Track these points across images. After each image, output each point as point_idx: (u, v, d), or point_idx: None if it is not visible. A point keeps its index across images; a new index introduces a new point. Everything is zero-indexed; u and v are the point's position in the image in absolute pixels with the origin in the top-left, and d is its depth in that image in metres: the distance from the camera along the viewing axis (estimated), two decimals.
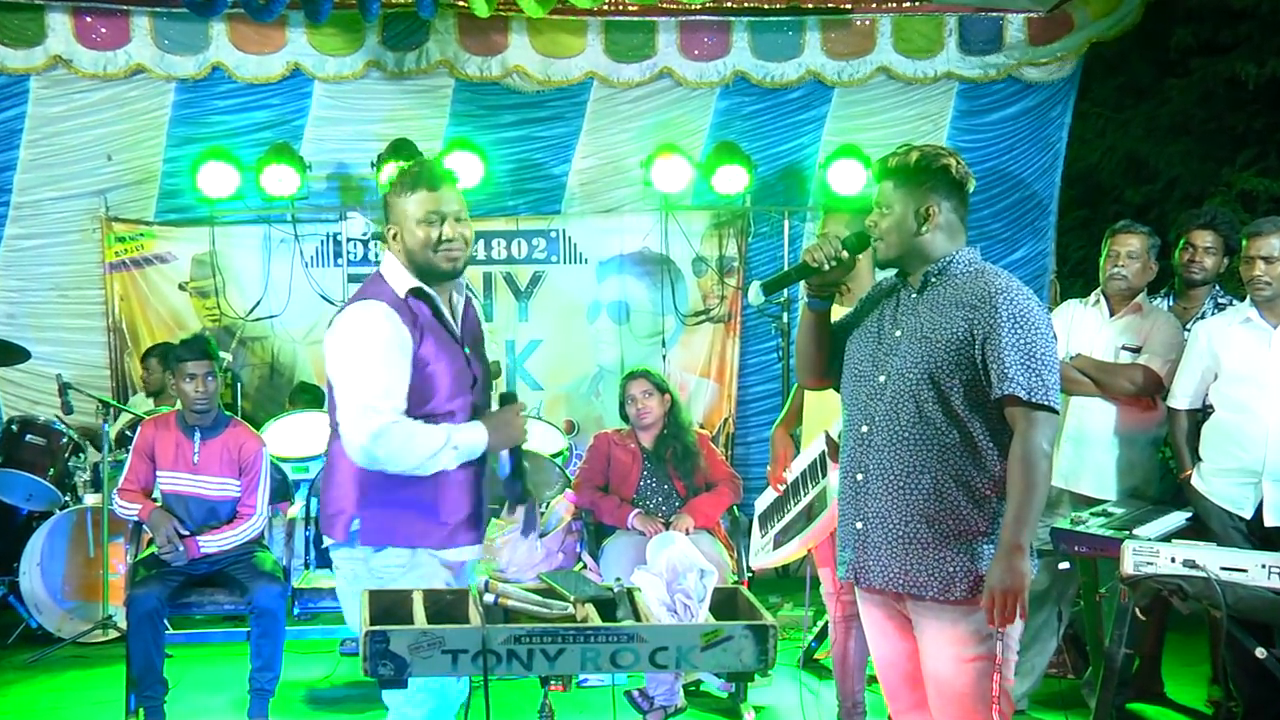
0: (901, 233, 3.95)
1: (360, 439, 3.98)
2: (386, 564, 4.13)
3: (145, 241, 9.68)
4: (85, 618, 7.72)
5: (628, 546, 6.52)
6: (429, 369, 4.10)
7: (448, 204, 4.17)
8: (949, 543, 3.83)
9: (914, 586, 3.87)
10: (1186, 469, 5.91)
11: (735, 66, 9.76)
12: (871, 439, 3.96)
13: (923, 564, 3.85)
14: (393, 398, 4.02)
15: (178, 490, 6.45)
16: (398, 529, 4.13)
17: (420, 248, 4.14)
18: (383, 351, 4.04)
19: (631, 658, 3.29)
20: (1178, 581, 4.87)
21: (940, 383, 3.83)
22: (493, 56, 9.61)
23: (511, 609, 3.47)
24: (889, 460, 3.91)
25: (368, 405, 3.99)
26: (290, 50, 9.48)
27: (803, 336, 4.21)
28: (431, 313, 4.19)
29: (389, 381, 4.03)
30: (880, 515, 3.93)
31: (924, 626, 3.93)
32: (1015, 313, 3.77)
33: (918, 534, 3.86)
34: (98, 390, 8.69)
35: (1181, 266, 6.53)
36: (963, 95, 9.94)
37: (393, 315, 4.07)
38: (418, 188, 4.15)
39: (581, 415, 9.74)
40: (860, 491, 3.99)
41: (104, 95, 9.50)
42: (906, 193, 3.95)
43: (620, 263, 10.04)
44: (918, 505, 3.86)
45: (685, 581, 3.48)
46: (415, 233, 4.14)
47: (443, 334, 4.20)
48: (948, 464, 3.84)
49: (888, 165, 4.00)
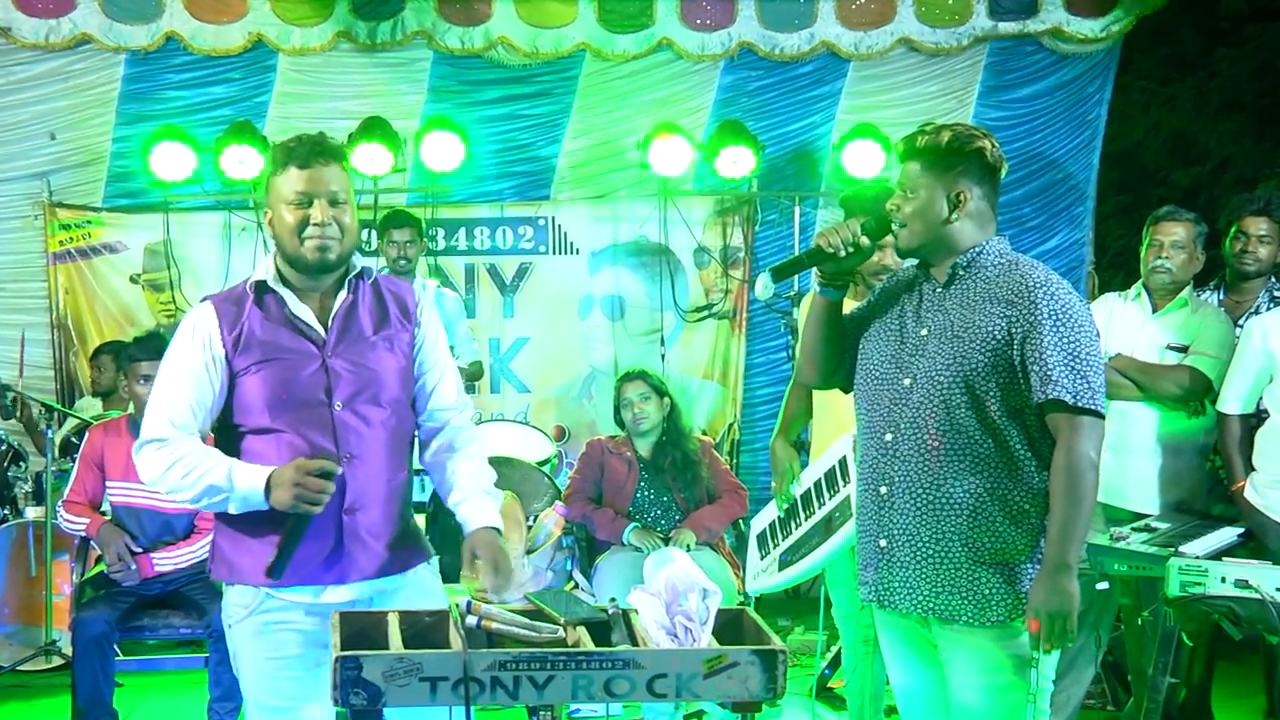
0: (928, 219, 3.92)
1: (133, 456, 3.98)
2: (235, 602, 4.01)
3: (92, 229, 9.69)
4: (26, 643, 7.69)
5: (623, 564, 6.53)
6: (249, 375, 3.94)
7: (320, 183, 3.95)
8: (985, 562, 3.83)
9: (945, 610, 3.87)
10: (1238, 480, 5.91)
11: (741, 38, 9.77)
12: (897, 448, 3.94)
13: (955, 585, 3.85)
14: (168, 416, 3.91)
15: (129, 502, 6.45)
16: (238, 564, 3.98)
17: (287, 234, 3.95)
18: (171, 361, 3.99)
19: (627, 686, 3.28)
20: (1229, 603, 4.87)
21: (974, 386, 3.82)
22: (475, 26, 9.62)
23: (496, 632, 3.47)
24: (917, 472, 3.90)
25: (147, 421, 3.96)
26: (252, 19, 9.47)
27: (811, 329, 4.20)
28: (281, 310, 4.01)
29: (168, 399, 3.92)
30: (908, 532, 3.92)
31: (953, 653, 3.93)
32: (1057, 309, 3.76)
33: (950, 553, 3.85)
34: (40, 393, 8.68)
35: (1233, 257, 6.53)
36: (991, 69, 9.96)
37: (202, 319, 3.98)
38: (288, 164, 3.96)
39: (572, 420, 9.77)
40: (884, 506, 3.98)
41: (46, 67, 9.50)
42: (936, 176, 3.93)
43: (615, 253, 10.07)
44: (950, 522, 3.85)
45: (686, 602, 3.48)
46: (283, 216, 3.95)
47: (286, 335, 3.98)
48: (983, 476, 3.83)
49: (915, 145, 3.97)
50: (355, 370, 4.00)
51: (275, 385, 3.92)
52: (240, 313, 3.97)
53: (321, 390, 3.95)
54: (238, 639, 4.01)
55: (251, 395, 3.92)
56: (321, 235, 3.92)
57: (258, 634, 3.93)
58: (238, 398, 3.95)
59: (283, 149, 4.00)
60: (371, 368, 4.02)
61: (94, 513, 6.49)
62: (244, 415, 3.95)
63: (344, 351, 4.00)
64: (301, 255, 3.94)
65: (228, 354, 3.93)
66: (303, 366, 3.95)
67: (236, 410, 3.96)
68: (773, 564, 5.66)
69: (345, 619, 3.52)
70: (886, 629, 4.17)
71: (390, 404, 4.06)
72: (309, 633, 3.92)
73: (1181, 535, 5.50)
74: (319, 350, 3.98)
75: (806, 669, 7.08)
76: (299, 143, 3.98)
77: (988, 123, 9.69)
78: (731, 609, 3.69)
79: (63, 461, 7.68)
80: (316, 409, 3.94)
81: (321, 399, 3.94)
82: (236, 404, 3.96)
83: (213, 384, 3.93)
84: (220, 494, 3.81)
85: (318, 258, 3.95)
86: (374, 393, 4.01)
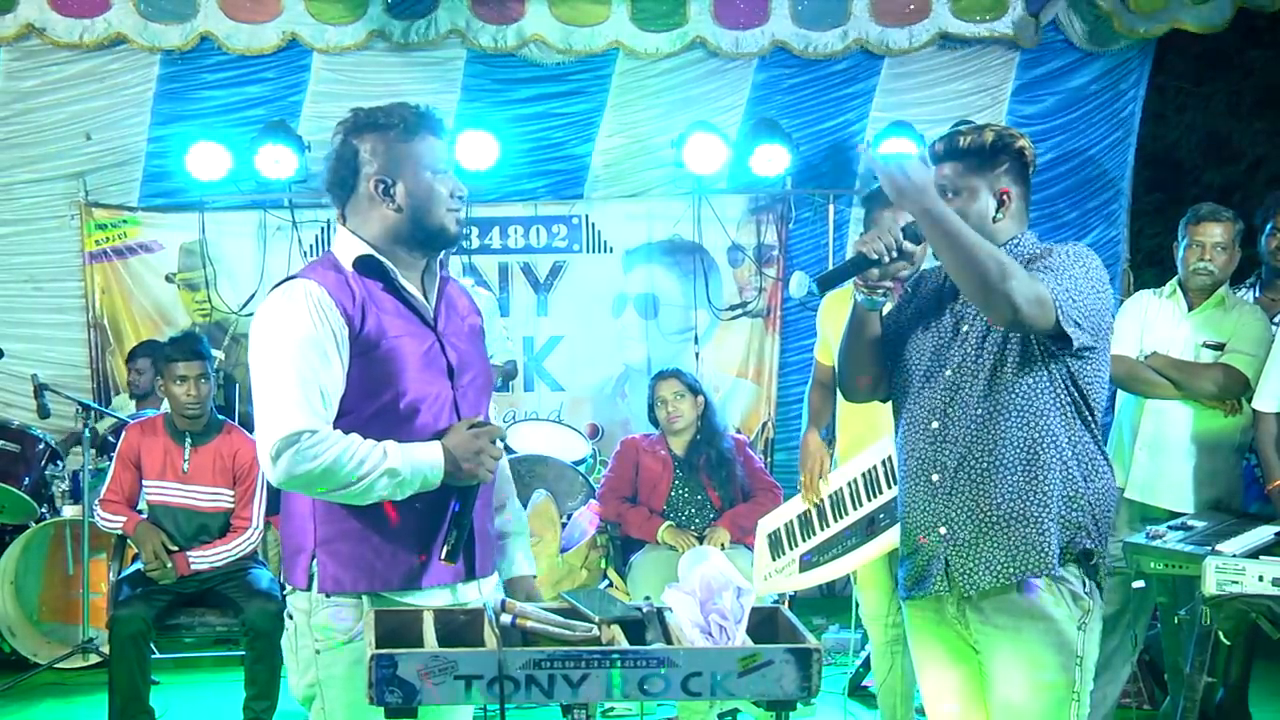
0: (972, 219, 3.87)
1: (266, 456, 3.52)
2: (329, 625, 3.66)
3: (128, 229, 9.73)
4: (63, 641, 7.75)
5: (657, 562, 6.54)
6: (382, 348, 3.64)
7: (450, 155, 3.84)
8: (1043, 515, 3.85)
9: (1026, 569, 3.85)
10: (1275, 478, 5.88)
11: (774, 35, 9.74)
12: (946, 433, 3.95)
13: (1028, 542, 3.85)
14: (307, 404, 3.54)
15: (166, 501, 6.49)
16: (359, 570, 3.65)
17: (433, 203, 3.73)
18: (297, 347, 3.56)
19: (662, 684, 3.28)
20: (1267, 602, 4.84)
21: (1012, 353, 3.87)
22: (508, 25, 9.59)
23: (531, 630, 3.46)
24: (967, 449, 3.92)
25: (273, 413, 3.53)
26: (286, 19, 9.47)
27: (855, 342, 4.11)
28: (385, 287, 3.73)
29: (303, 384, 3.54)
30: (969, 510, 3.92)
31: (997, 649, 3.92)
32: (1067, 251, 3.86)
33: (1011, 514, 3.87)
34: (77, 391, 8.71)
35: (1270, 254, 6.50)
36: (1025, 65, 9.93)
37: (316, 298, 3.60)
38: (424, 132, 3.76)
39: (606, 419, 9.77)
40: (938, 492, 3.97)
41: (81, 68, 9.53)
42: (981, 175, 3.95)
43: (648, 251, 10.06)
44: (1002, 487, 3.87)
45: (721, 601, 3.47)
46: (430, 185, 3.74)
47: (402, 309, 3.74)
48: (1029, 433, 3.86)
49: (958, 145, 3.97)
50: (463, 352, 3.84)
51: (402, 364, 3.67)
52: (350, 288, 3.66)
53: (444, 370, 3.76)
54: (331, 669, 3.67)
55: (377, 377, 3.64)
56: (460, 208, 3.79)
57: (360, 661, 3.31)
58: (358, 381, 3.63)
59: (411, 115, 3.74)
60: (473, 350, 3.91)
61: (131, 511, 6.53)
62: (364, 399, 3.63)
63: (451, 332, 3.83)
64: (446, 227, 3.75)
65: (351, 332, 3.61)
66: (424, 344, 3.73)
67: (356, 394, 3.63)
68: (790, 565, 5.62)
69: (380, 617, 3.52)
70: (920, 629, 4.15)
71: (489, 388, 3.98)
72: None
73: (1218, 533, 5.47)
74: (432, 329, 3.77)
75: (841, 667, 7.07)
76: (425, 113, 3.78)
77: (1022, 119, 9.72)
78: (766, 607, 3.68)
79: (99, 460, 7.72)
80: (441, 389, 3.74)
81: (445, 379, 3.76)
82: (356, 388, 3.63)
83: (342, 364, 3.60)
84: (398, 478, 3.53)
85: (457, 230, 3.80)
86: (476, 376, 3.88)
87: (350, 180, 3.75)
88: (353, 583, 3.64)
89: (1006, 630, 3.88)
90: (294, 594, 3.73)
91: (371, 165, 3.71)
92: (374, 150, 3.72)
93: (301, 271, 3.73)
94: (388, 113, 3.74)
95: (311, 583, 3.66)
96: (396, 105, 3.77)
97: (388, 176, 3.70)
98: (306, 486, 3.56)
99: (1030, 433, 3.85)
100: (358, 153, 3.73)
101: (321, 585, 3.64)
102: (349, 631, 3.64)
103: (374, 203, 3.72)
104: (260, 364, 3.61)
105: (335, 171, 3.78)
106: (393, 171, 3.71)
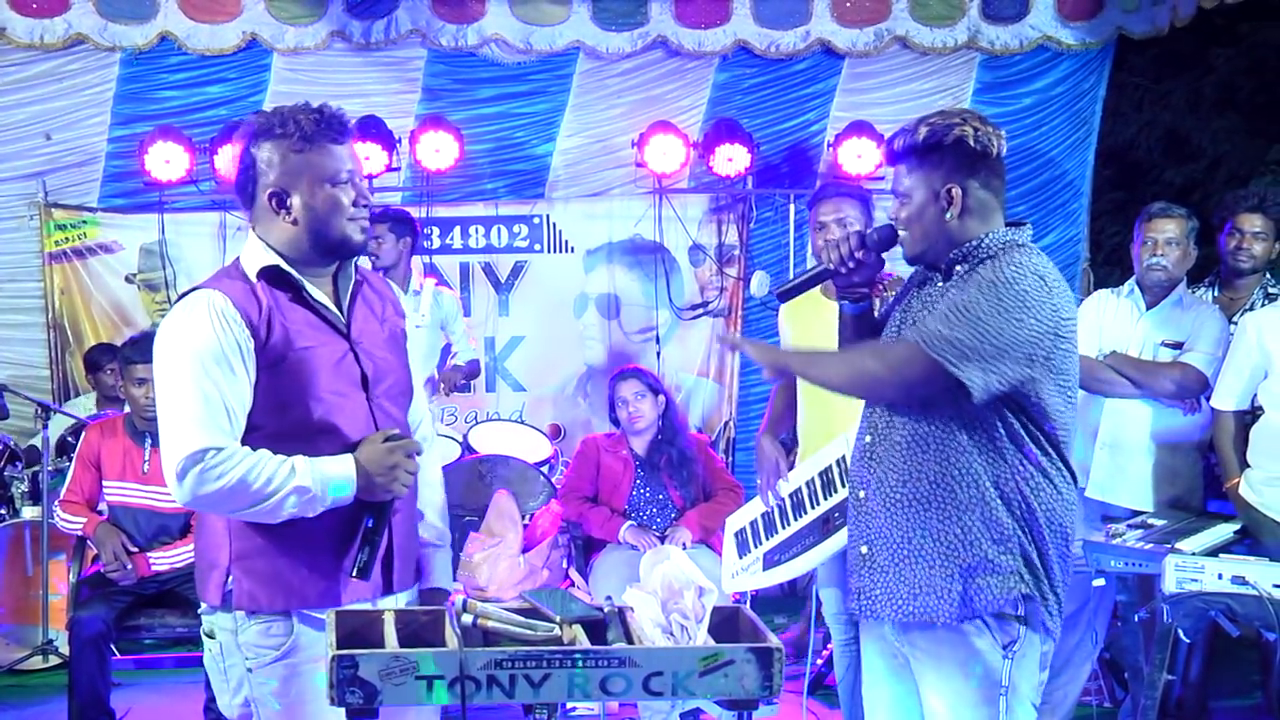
0: (924, 223, 3.76)
1: (171, 475, 3.43)
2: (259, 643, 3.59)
3: (88, 229, 9.68)
4: (23, 643, 7.68)
5: (619, 562, 6.54)
6: (290, 359, 3.55)
7: (357, 160, 3.68)
8: (952, 561, 3.71)
9: (924, 612, 3.75)
10: (1233, 476, 5.92)
11: (736, 35, 9.73)
12: (874, 451, 3.85)
13: (931, 587, 3.73)
14: (211, 421, 3.44)
15: (126, 502, 6.46)
16: (275, 588, 3.57)
17: (332, 214, 3.60)
18: (199, 361, 3.45)
19: (623, 684, 3.28)
20: (1225, 600, 4.88)
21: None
22: (468, 25, 9.57)
23: (492, 631, 3.46)
24: (887, 473, 3.80)
25: (178, 431, 3.43)
26: (246, 19, 9.43)
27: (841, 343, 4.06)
28: (293, 297, 3.63)
29: (206, 400, 3.44)
30: (885, 535, 3.81)
31: (921, 672, 3.84)
32: (991, 278, 3.61)
33: (923, 553, 3.74)
34: (36, 392, 8.67)
35: (1229, 254, 6.54)
36: (986, 66, 9.94)
37: (220, 309, 3.50)
38: (322, 140, 3.59)
39: (568, 419, 9.76)
40: (861, 509, 3.89)
41: (41, 68, 9.47)
42: (922, 176, 3.75)
43: (609, 251, 10.07)
44: (917, 520, 3.74)
45: (682, 600, 3.47)
46: (329, 195, 3.60)
47: (312, 319, 3.63)
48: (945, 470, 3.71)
49: (895, 147, 3.79)
50: (379, 360, 3.75)
51: (312, 375, 3.57)
52: (255, 299, 3.56)
53: (357, 380, 3.67)
54: (264, 687, 3.60)
55: (285, 390, 3.55)
56: (365, 215, 3.65)
57: (293, 677, 3.54)
58: (265, 394, 3.54)
59: (306, 122, 3.58)
60: (391, 357, 3.81)
61: (90, 512, 6.50)
62: (273, 414, 3.55)
63: (366, 339, 3.73)
64: (349, 237, 3.62)
65: (256, 344, 3.51)
66: (336, 353, 3.64)
67: (264, 409, 3.55)
68: (755, 563, 5.61)
69: (341, 618, 3.51)
70: (865, 641, 4.10)
71: (407, 397, 3.88)
72: None
73: (1178, 532, 5.51)
74: (345, 338, 3.68)
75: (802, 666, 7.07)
76: (323, 116, 3.60)
77: None
78: (727, 606, 3.68)
79: (59, 461, 7.68)
80: (355, 400, 3.65)
81: (359, 389, 3.67)
82: (264, 402, 3.54)
83: (249, 377, 3.51)
84: (308, 495, 3.45)
85: (361, 239, 3.65)
86: (394, 384, 3.79)
87: (250, 190, 3.66)
88: (269, 601, 3.57)
89: (929, 656, 3.79)
90: (214, 614, 3.66)
91: (268, 176, 3.61)
92: (270, 160, 3.60)
93: (207, 281, 3.65)
94: (284, 120, 3.60)
95: (227, 600, 3.58)
96: (295, 110, 3.63)
97: (283, 189, 3.59)
98: (214, 506, 3.49)
99: (947, 469, 3.70)
100: (255, 162, 3.62)
101: (238, 603, 3.57)
102: (280, 648, 3.59)
103: (272, 214, 3.62)
104: (164, 379, 3.53)
105: (238, 180, 3.69)
106: (289, 183, 3.60)
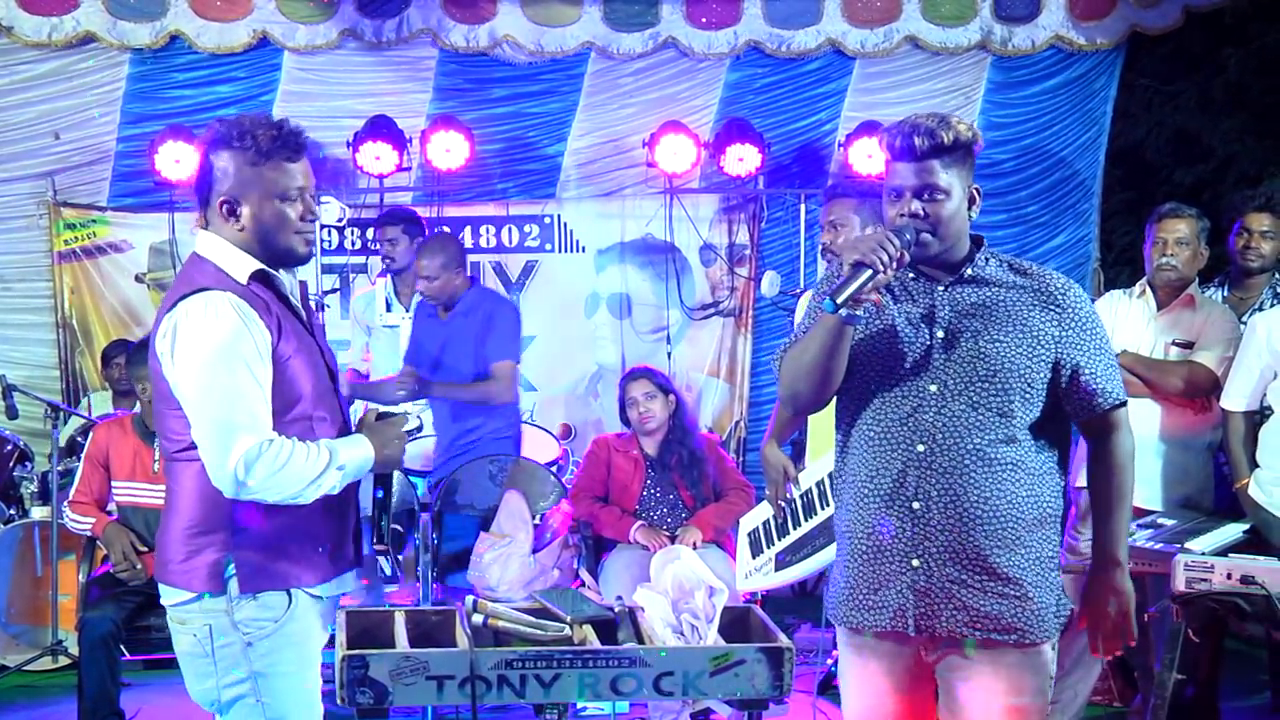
0: (960, 220, 3.66)
1: (227, 468, 3.53)
2: (258, 617, 3.70)
3: (97, 229, 9.69)
4: (32, 643, 7.68)
5: (630, 562, 6.53)
6: (290, 365, 3.72)
7: (308, 177, 3.82)
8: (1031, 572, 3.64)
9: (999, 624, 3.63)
10: (1242, 476, 5.91)
11: (747, 35, 9.74)
12: (932, 460, 3.63)
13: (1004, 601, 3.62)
14: (260, 414, 3.60)
15: (135, 502, 6.46)
16: (276, 568, 3.71)
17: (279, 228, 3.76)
18: (240, 359, 3.60)
19: (634, 684, 3.29)
20: (1235, 600, 4.87)
21: (1022, 387, 3.61)
22: (480, 25, 9.59)
23: (502, 631, 3.47)
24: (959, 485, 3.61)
25: (232, 426, 3.55)
26: (257, 17, 9.44)
27: (821, 356, 3.68)
28: (277, 298, 3.80)
29: (253, 394, 3.61)
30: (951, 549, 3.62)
31: (969, 671, 3.69)
32: (1090, 311, 3.69)
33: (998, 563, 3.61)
34: (46, 392, 8.65)
35: (1238, 253, 6.54)
36: (997, 66, 9.93)
37: (244, 308, 3.64)
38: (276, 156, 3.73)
39: (579, 419, 9.75)
40: (919, 521, 3.64)
41: (50, 66, 9.48)
42: (959, 172, 3.65)
43: (621, 251, 10.07)
44: (995, 533, 3.60)
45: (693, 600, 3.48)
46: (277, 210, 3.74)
47: (294, 322, 3.82)
48: (1022, 482, 3.62)
49: (941, 141, 3.58)
50: (328, 353, 3.98)
51: (311, 372, 3.79)
52: (260, 300, 3.72)
53: (326, 373, 3.90)
54: (267, 657, 3.71)
55: (295, 384, 3.73)
56: (312, 230, 3.85)
57: (290, 644, 3.70)
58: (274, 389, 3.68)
59: (264, 137, 3.72)
60: (331, 354, 4.01)
61: (100, 512, 6.50)
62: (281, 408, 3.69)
63: (318, 335, 3.98)
64: (294, 249, 3.81)
65: (272, 341, 3.68)
66: (313, 351, 3.85)
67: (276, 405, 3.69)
68: (768, 563, 5.62)
69: (351, 618, 3.52)
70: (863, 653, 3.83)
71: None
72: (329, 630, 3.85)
73: (1187, 531, 5.50)
74: (312, 335, 3.91)
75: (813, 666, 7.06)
76: (280, 132, 3.75)
77: (994, 120, 9.77)
78: (738, 606, 3.68)
79: (68, 461, 7.68)
80: (329, 392, 3.89)
81: (329, 382, 3.91)
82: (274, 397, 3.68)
83: (269, 373, 3.67)
84: (344, 472, 3.70)
85: (307, 252, 3.85)
86: (336, 373, 4.02)
87: (205, 193, 3.80)
88: (271, 580, 3.70)
89: (1010, 670, 3.67)
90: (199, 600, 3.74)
91: (222, 184, 3.75)
92: (225, 170, 3.74)
93: (203, 283, 3.71)
94: (243, 132, 3.72)
95: (225, 584, 3.68)
96: (256, 124, 3.76)
97: (234, 198, 3.74)
98: (274, 492, 3.59)
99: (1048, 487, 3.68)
100: (212, 169, 3.76)
101: (243, 586, 3.68)
102: (278, 619, 3.69)
103: (223, 220, 3.77)
104: (200, 379, 3.61)
105: (197, 181, 3.84)
106: (240, 194, 3.74)
